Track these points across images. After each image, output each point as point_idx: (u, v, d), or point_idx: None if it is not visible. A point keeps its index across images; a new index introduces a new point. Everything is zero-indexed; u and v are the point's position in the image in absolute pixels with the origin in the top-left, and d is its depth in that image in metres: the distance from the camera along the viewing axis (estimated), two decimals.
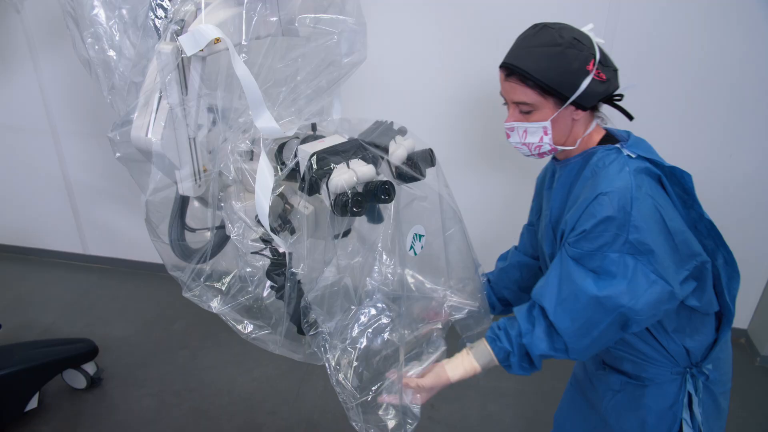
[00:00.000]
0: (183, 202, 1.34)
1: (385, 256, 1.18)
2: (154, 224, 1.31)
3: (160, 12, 1.20)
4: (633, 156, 1.17)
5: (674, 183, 1.17)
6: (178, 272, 1.31)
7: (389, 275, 1.19)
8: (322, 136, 1.19)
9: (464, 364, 1.24)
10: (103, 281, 3.37)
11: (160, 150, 1.16)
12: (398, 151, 1.19)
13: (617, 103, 1.24)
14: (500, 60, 1.22)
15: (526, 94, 1.17)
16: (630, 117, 1.27)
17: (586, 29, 1.19)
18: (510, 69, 1.17)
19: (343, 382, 1.25)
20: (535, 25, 1.20)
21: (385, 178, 1.13)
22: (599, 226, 1.10)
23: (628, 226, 1.08)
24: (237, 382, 2.57)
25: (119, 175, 2.88)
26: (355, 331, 1.22)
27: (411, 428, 1.23)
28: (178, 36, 1.10)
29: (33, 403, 2.33)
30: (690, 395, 1.28)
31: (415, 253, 1.21)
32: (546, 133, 1.20)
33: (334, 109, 1.35)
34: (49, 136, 3.13)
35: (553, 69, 1.13)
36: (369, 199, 1.10)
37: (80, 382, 2.48)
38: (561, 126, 1.20)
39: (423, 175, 1.22)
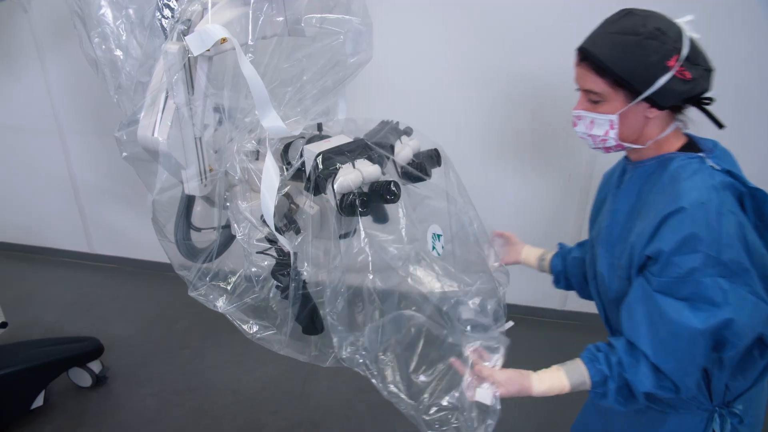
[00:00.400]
0: (189, 202, 1.34)
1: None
2: (161, 224, 1.31)
3: (166, 12, 1.21)
4: (717, 168, 1.06)
5: (754, 206, 1.07)
6: (185, 271, 1.32)
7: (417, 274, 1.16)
8: (327, 136, 1.19)
9: (552, 378, 1.12)
10: (108, 280, 3.38)
11: (167, 149, 1.16)
12: (404, 151, 1.20)
13: (706, 107, 1.11)
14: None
15: (596, 83, 1.08)
16: (720, 125, 1.12)
17: (683, 20, 1.06)
18: (583, 53, 1.09)
19: (396, 391, 1.18)
20: (622, 10, 1.09)
21: (390, 178, 1.13)
22: (684, 246, 0.99)
23: (718, 245, 0.98)
24: (240, 381, 2.58)
25: (125, 174, 2.88)
26: (389, 339, 1.18)
27: (491, 427, 1.15)
28: (184, 36, 1.10)
29: (39, 401, 2.34)
30: None
31: (438, 253, 1.19)
32: (612, 127, 1.10)
33: (339, 109, 1.35)
34: (55, 135, 3.15)
35: (628, 60, 1.03)
36: (375, 199, 1.10)
37: (86, 380, 2.49)
38: (631, 122, 1.10)
39: (428, 175, 1.22)
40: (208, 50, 1.08)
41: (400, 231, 1.14)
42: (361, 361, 1.18)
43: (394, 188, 1.10)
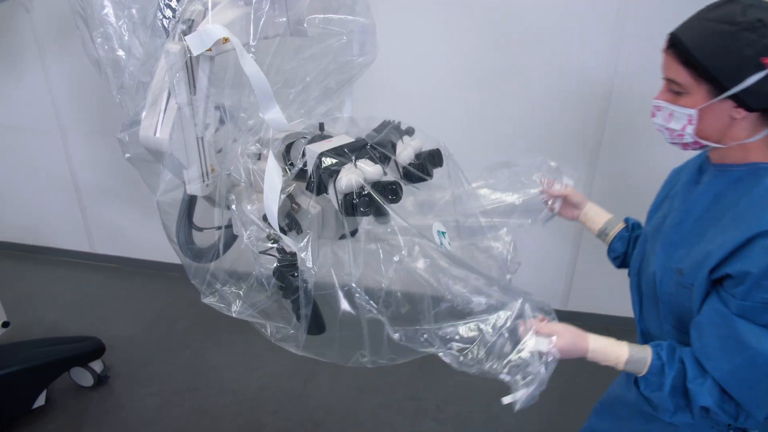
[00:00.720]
0: (191, 202, 1.34)
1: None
2: (169, 228, 1.31)
3: (168, 12, 1.21)
4: None
5: None
6: (197, 280, 1.31)
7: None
8: (329, 136, 1.19)
9: (611, 342, 1.06)
10: (110, 280, 3.38)
11: (169, 149, 1.16)
12: (405, 151, 1.19)
13: None
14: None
15: (679, 73, 0.99)
16: None
17: None
18: (672, 39, 1.00)
19: (471, 362, 1.11)
20: None
21: (392, 179, 1.13)
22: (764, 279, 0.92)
23: None
24: (241, 381, 2.58)
25: (127, 174, 2.88)
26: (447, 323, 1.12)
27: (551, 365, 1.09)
28: (185, 35, 1.10)
29: (40, 401, 2.34)
30: None
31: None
32: (690, 123, 1.01)
33: (345, 107, 1.34)
34: (57, 135, 3.15)
35: (717, 51, 0.94)
36: (376, 200, 1.10)
37: (87, 380, 2.49)
38: (713, 120, 1.00)
39: (430, 175, 1.22)
40: (210, 50, 1.08)
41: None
42: (422, 339, 1.12)
43: (395, 188, 1.10)
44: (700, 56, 0.96)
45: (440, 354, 1.11)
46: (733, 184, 1.04)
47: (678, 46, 0.98)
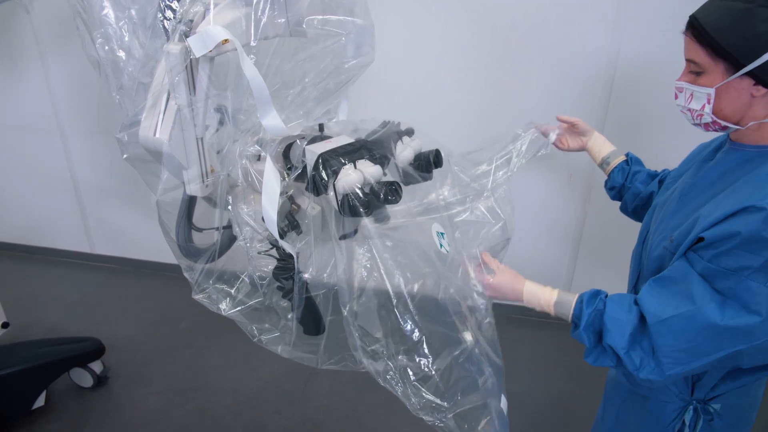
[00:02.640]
0: (190, 203, 1.34)
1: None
2: (167, 226, 1.31)
3: (168, 13, 1.21)
4: None
5: None
6: (190, 272, 1.31)
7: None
8: (329, 137, 1.19)
9: (544, 288, 1.17)
10: (110, 280, 3.38)
11: (168, 150, 1.16)
12: (405, 152, 1.20)
13: None
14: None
15: (696, 52, 1.01)
16: None
17: None
18: (690, 20, 1.03)
19: (429, 398, 1.17)
20: None
21: (392, 179, 1.13)
22: (752, 245, 0.92)
23: None
24: (242, 381, 2.58)
25: (126, 174, 2.88)
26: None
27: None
28: (186, 37, 1.10)
29: (40, 401, 2.34)
30: (684, 424, 1.20)
31: (447, 251, 1.19)
32: (709, 102, 1.02)
33: (340, 110, 1.35)
34: (57, 135, 3.15)
35: (732, 28, 0.95)
36: (376, 200, 1.10)
37: (87, 380, 2.49)
38: (731, 99, 1.01)
39: (430, 175, 1.22)
40: (210, 51, 1.08)
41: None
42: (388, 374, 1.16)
43: (395, 189, 1.10)
44: (715, 34, 0.97)
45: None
46: (742, 164, 1.06)
47: (695, 26, 1.01)
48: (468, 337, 1.16)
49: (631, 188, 1.47)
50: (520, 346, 2.79)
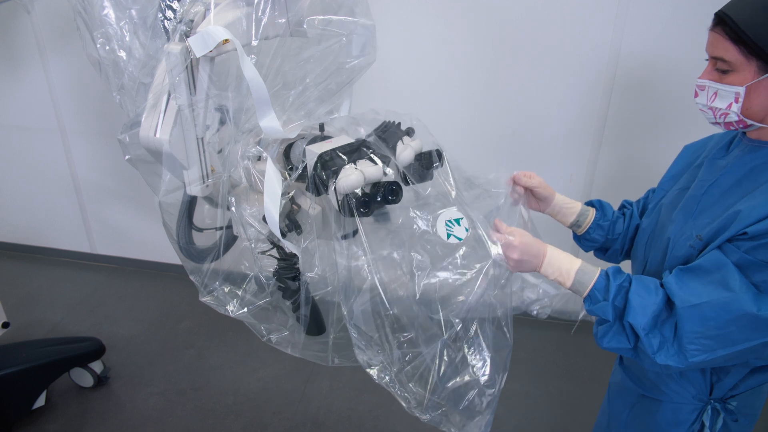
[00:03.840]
0: (191, 204, 1.35)
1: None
2: (171, 228, 1.32)
3: (169, 13, 1.21)
4: None
5: None
6: (196, 276, 1.31)
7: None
8: (329, 137, 1.19)
9: (568, 255, 1.11)
10: (110, 280, 3.38)
11: (169, 150, 1.16)
12: (405, 152, 1.19)
13: None
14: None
15: (727, 50, 0.99)
16: None
17: None
18: (720, 17, 1.00)
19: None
20: None
21: (392, 179, 1.13)
22: None
23: None
24: (243, 381, 2.58)
25: (127, 174, 2.88)
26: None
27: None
28: (187, 37, 1.10)
29: (40, 401, 2.34)
30: (703, 425, 1.18)
31: (460, 239, 1.13)
32: (737, 101, 1.01)
33: (343, 108, 1.35)
34: (57, 135, 3.15)
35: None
36: (376, 200, 1.10)
37: (87, 380, 2.49)
38: (760, 97, 1.00)
39: (430, 176, 1.22)
40: (211, 51, 1.08)
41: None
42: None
43: (395, 189, 1.10)
44: (751, 32, 0.95)
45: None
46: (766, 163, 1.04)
47: (727, 22, 0.98)
48: (494, 250, 1.10)
49: (617, 239, 1.39)
50: (520, 346, 2.77)
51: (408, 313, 1.13)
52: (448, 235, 1.13)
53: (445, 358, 1.14)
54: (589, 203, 1.40)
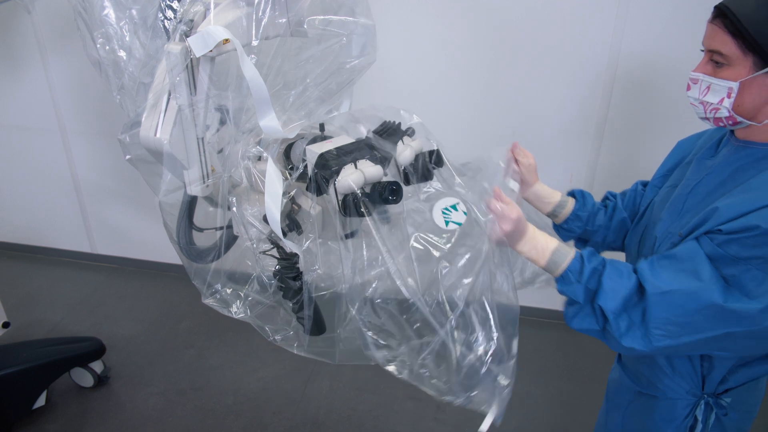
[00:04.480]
0: (191, 203, 1.35)
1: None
2: (172, 229, 1.32)
3: (169, 13, 1.21)
4: None
5: None
6: (198, 279, 1.31)
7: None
8: (329, 137, 1.20)
9: (546, 235, 1.10)
10: (111, 280, 3.38)
11: (169, 150, 1.16)
12: (405, 152, 1.19)
13: None
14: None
15: (725, 43, 0.98)
16: None
17: None
18: (720, 10, 0.99)
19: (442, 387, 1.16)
20: None
21: (392, 179, 1.13)
22: (764, 237, 0.93)
23: None
24: (243, 381, 2.58)
25: (128, 174, 2.88)
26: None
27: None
28: (187, 37, 1.10)
29: (41, 401, 2.34)
30: (696, 420, 1.20)
31: (459, 224, 1.13)
32: (729, 96, 1.00)
33: (343, 107, 1.35)
34: (57, 135, 3.15)
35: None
36: (376, 200, 1.10)
37: (87, 380, 2.49)
38: (753, 94, 0.99)
39: (430, 175, 1.22)
40: (211, 51, 1.08)
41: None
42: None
43: (395, 189, 1.10)
44: (750, 27, 0.95)
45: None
46: (756, 162, 1.04)
47: (727, 15, 0.97)
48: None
49: (598, 231, 1.38)
50: (520, 346, 2.78)
51: (417, 300, 1.13)
52: (447, 222, 1.12)
53: (456, 337, 1.13)
54: (571, 193, 1.39)
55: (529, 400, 2.47)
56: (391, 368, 1.17)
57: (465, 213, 1.13)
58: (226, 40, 1.07)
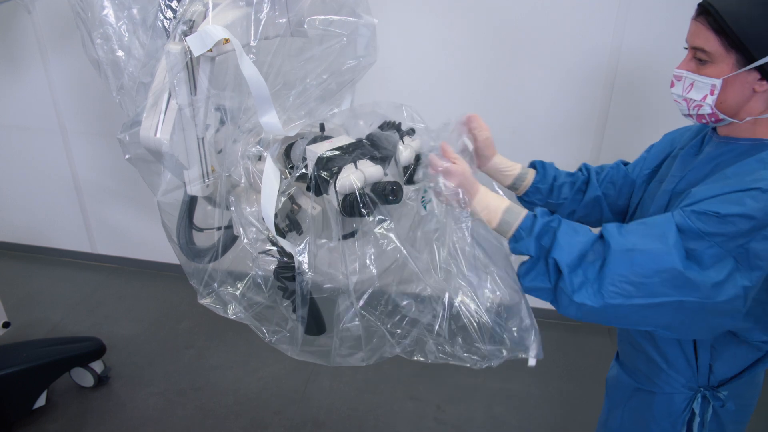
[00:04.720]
0: (191, 203, 1.35)
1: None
2: (170, 229, 1.31)
3: (169, 12, 1.21)
4: None
5: None
6: (194, 279, 1.31)
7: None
8: (330, 137, 1.19)
9: (499, 196, 1.09)
10: (111, 280, 3.38)
11: (169, 150, 1.16)
12: (406, 152, 1.19)
13: None
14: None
15: (708, 40, 0.99)
16: None
17: None
18: (704, 7, 1.00)
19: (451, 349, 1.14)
20: None
21: (392, 179, 1.13)
22: (732, 219, 0.93)
23: (762, 232, 0.93)
24: (243, 381, 2.58)
25: (128, 174, 2.88)
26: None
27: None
28: (186, 36, 1.10)
29: (41, 401, 2.34)
30: (693, 414, 1.20)
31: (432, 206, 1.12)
32: (712, 93, 1.01)
33: (344, 104, 1.34)
34: (58, 135, 3.15)
35: (752, 19, 0.95)
36: (376, 200, 1.10)
37: (88, 380, 2.49)
38: (735, 92, 1.00)
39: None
40: (210, 51, 1.08)
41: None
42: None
43: (396, 189, 1.10)
44: (733, 24, 0.95)
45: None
46: (737, 157, 1.05)
47: (711, 12, 0.98)
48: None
49: (563, 204, 1.36)
50: None
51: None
52: (425, 207, 1.13)
53: (466, 299, 1.12)
54: (532, 164, 1.38)
55: (528, 400, 2.47)
56: (418, 357, 1.17)
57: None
58: (226, 40, 1.07)
